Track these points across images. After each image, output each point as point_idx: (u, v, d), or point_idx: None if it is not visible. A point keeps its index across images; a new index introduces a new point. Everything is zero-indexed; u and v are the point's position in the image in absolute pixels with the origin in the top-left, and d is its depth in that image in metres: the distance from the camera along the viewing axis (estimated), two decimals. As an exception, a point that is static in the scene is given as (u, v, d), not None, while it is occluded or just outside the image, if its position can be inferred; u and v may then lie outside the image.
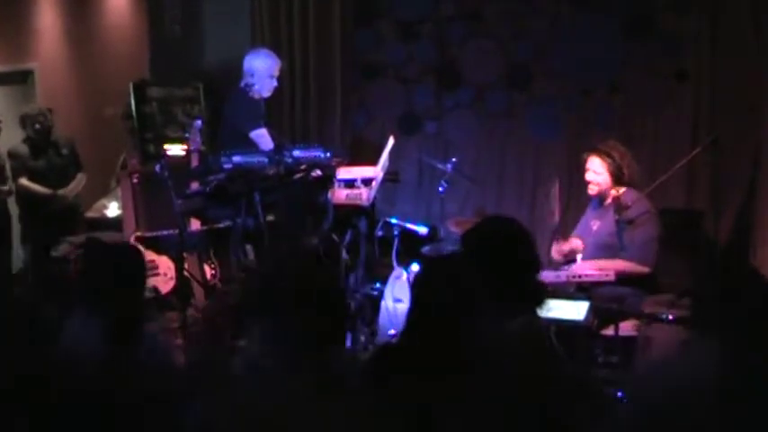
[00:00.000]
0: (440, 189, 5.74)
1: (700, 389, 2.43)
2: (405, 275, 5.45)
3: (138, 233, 6.09)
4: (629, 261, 4.68)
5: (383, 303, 5.45)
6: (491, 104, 6.88)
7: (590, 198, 5.17)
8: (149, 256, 5.79)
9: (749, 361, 2.33)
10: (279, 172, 5.23)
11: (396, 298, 5.40)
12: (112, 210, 7.05)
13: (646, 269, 4.69)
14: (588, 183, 4.98)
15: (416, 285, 2.81)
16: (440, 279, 2.70)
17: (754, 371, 2.32)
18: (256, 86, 5.88)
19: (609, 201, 4.85)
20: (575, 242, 5.10)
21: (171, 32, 7.43)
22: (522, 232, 3.12)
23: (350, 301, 5.68)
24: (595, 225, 4.97)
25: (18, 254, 7.12)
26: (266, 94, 6.02)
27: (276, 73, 6.01)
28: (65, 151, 6.93)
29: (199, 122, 5.95)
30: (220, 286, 5.80)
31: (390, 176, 5.88)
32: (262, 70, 5.94)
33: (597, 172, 4.90)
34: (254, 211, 5.19)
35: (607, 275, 4.53)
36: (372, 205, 5.59)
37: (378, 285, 5.68)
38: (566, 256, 5.07)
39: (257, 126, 5.83)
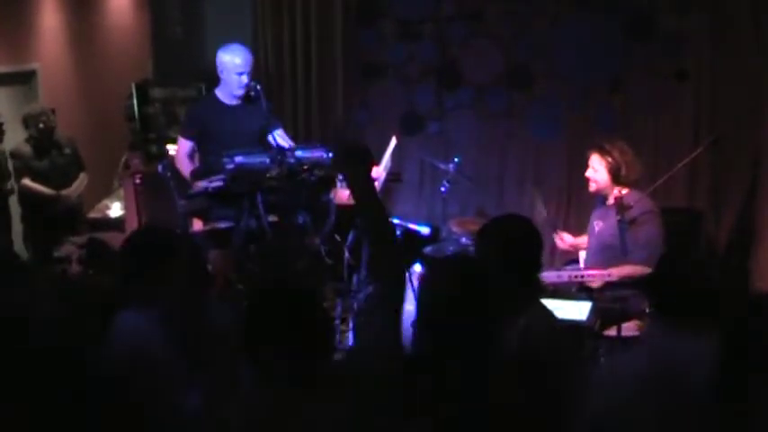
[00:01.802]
0: (442, 189, 5.75)
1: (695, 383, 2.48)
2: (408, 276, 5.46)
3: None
4: (637, 264, 4.62)
5: (386, 303, 5.45)
6: (491, 104, 6.90)
7: (591, 197, 5.19)
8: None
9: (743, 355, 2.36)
10: (281, 172, 5.24)
11: (398, 298, 5.40)
12: (115, 210, 7.07)
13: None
14: (588, 180, 5.00)
15: (423, 288, 2.83)
16: (449, 280, 2.73)
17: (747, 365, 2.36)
18: (220, 86, 5.62)
19: (611, 201, 4.86)
20: (581, 238, 5.15)
21: (173, 33, 7.45)
22: (533, 231, 3.18)
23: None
24: (598, 226, 4.98)
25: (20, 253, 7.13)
26: (236, 91, 5.56)
27: (244, 69, 5.54)
28: (67, 151, 6.94)
29: (201, 123, 5.94)
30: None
31: (393, 177, 5.90)
32: (229, 66, 5.56)
33: (596, 169, 4.91)
34: (256, 211, 5.20)
35: (609, 276, 4.54)
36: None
37: (380, 286, 5.68)
38: (571, 246, 5.12)
39: (181, 134, 5.66)
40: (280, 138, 5.63)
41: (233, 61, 5.54)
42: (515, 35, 6.78)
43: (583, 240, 5.18)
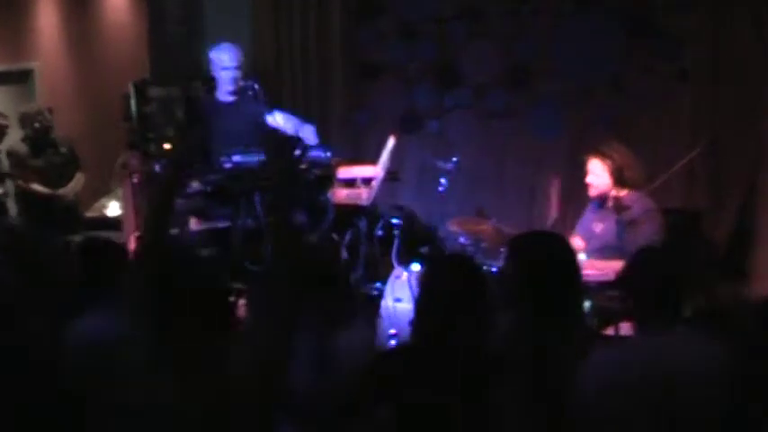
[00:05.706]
0: (439, 188, 5.73)
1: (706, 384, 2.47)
2: (405, 275, 5.44)
3: (139, 233, 6.08)
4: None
5: (383, 303, 5.44)
6: (491, 104, 6.88)
7: (589, 198, 5.16)
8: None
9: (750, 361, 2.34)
10: (279, 171, 5.21)
11: (396, 297, 5.38)
12: (113, 209, 7.06)
13: None
14: (589, 185, 4.98)
15: (423, 284, 2.82)
16: (446, 277, 2.72)
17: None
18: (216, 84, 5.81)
19: (610, 203, 4.84)
20: (576, 241, 5.12)
21: (171, 32, 7.42)
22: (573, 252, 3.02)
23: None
24: (598, 228, 4.98)
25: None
26: (227, 86, 5.77)
27: (227, 63, 5.75)
28: (63, 150, 6.93)
29: (200, 122, 5.93)
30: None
31: (390, 176, 5.88)
32: (216, 63, 5.81)
33: (598, 174, 4.90)
34: (253, 210, 5.19)
35: (607, 275, 4.53)
36: (374, 205, 5.59)
37: (378, 285, 5.67)
38: None
39: None
40: (280, 117, 5.67)
41: (219, 58, 5.77)
42: (515, 35, 6.76)
43: (578, 244, 5.15)
